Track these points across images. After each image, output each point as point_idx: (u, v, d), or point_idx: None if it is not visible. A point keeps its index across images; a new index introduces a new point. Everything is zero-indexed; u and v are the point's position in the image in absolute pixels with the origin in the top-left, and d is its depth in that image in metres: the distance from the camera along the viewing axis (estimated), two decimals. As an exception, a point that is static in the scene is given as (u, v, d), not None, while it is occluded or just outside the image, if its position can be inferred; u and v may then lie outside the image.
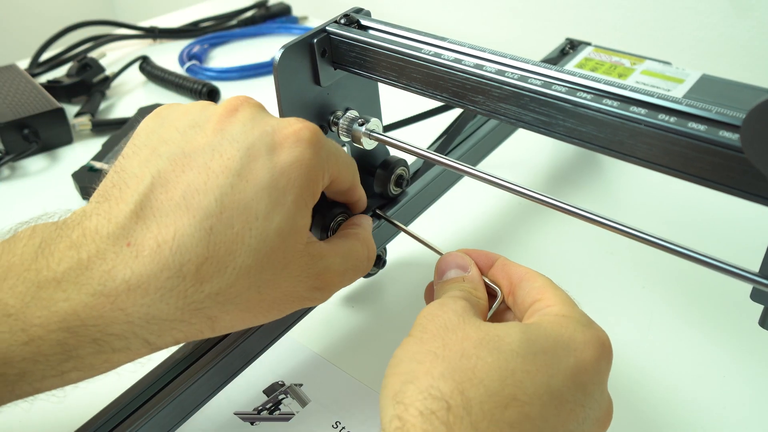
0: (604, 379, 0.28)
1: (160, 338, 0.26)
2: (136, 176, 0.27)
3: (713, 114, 0.26)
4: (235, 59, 0.82)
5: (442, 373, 0.26)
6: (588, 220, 0.30)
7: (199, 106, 0.30)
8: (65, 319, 0.25)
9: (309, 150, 0.29)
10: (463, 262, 0.33)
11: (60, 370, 0.25)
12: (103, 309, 0.25)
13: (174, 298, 0.26)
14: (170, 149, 0.28)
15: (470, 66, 0.31)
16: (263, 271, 0.27)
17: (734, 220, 0.50)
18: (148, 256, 0.25)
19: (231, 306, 0.27)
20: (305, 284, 0.30)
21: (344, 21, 0.36)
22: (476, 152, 0.49)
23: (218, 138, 0.28)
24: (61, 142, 0.65)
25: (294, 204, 0.28)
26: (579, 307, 0.30)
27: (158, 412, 0.32)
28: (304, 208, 0.29)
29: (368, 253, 0.34)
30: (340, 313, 0.44)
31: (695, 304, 0.44)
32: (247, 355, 0.36)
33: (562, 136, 0.30)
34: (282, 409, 0.38)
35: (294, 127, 0.29)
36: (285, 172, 0.28)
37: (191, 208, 0.26)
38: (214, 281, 0.26)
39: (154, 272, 0.25)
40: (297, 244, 0.29)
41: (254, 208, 0.27)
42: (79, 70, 0.73)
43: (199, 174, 0.27)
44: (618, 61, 0.56)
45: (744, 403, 0.37)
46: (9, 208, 0.57)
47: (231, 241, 0.26)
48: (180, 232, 0.26)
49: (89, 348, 0.25)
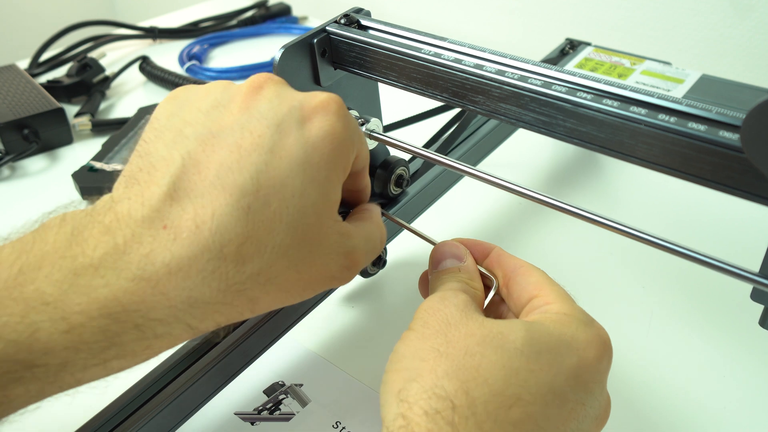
0: (605, 378, 0.29)
1: (202, 322, 0.26)
2: (164, 158, 0.26)
3: (713, 114, 0.26)
4: (235, 59, 0.82)
5: (447, 371, 0.25)
6: (588, 220, 0.30)
7: (220, 86, 0.30)
8: (106, 305, 0.24)
9: (339, 122, 0.28)
10: (458, 251, 0.33)
11: (102, 359, 0.25)
12: (144, 294, 0.24)
13: (216, 280, 0.25)
14: (197, 130, 0.27)
15: (470, 66, 0.31)
16: (301, 248, 0.27)
17: (734, 220, 0.50)
18: (187, 238, 0.25)
19: (271, 286, 0.27)
20: (337, 263, 0.29)
21: (344, 21, 0.36)
22: (476, 152, 0.49)
23: (246, 116, 0.27)
24: (61, 142, 0.65)
25: (327, 179, 0.27)
26: (577, 304, 0.30)
27: (158, 412, 0.32)
28: (337, 183, 0.28)
29: (381, 237, 0.33)
30: (340, 313, 0.44)
31: (695, 304, 0.44)
32: (247, 355, 0.36)
33: (562, 136, 0.30)
34: (282, 409, 0.38)
35: (320, 98, 0.29)
36: (318, 146, 0.27)
37: (227, 187, 0.25)
38: (255, 261, 0.26)
39: (195, 254, 0.25)
40: (330, 221, 0.28)
41: (290, 185, 0.26)
42: (79, 70, 0.73)
43: (231, 153, 0.26)
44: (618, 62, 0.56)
45: (744, 403, 0.37)
46: (9, 208, 0.57)
47: (269, 219, 0.26)
48: (219, 212, 0.25)
49: (132, 334, 0.25)
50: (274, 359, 0.40)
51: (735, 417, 0.37)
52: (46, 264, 0.24)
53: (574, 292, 0.35)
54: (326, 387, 0.39)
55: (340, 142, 0.28)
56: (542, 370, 0.26)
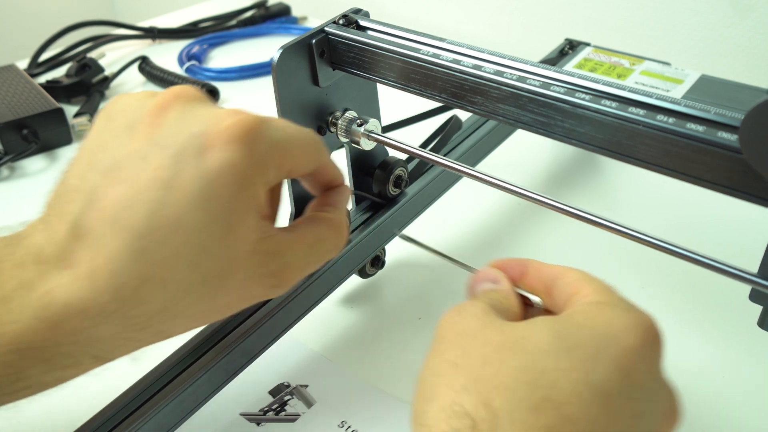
0: (656, 367, 0.26)
1: (111, 353, 0.26)
2: (73, 191, 0.26)
3: (712, 115, 0.26)
4: (235, 59, 0.82)
5: (464, 385, 0.23)
6: (587, 221, 0.30)
7: (140, 99, 0.28)
8: (13, 341, 0.24)
9: (242, 149, 0.26)
10: (494, 275, 0.30)
11: (12, 389, 0.25)
12: (47, 332, 0.24)
13: (117, 319, 0.25)
14: (105, 159, 0.26)
15: (469, 67, 0.31)
16: (208, 283, 0.26)
17: (733, 220, 0.50)
18: (86, 279, 0.24)
19: (181, 318, 0.26)
20: (261, 284, 0.28)
21: (343, 22, 0.36)
22: (475, 153, 0.49)
23: (146, 144, 0.26)
24: (60, 143, 0.65)
25: (233, 211, 0.26)
26: (618, 293, 0.27)
27: (160, 410, 0.32)
28: (245, 212, 0.27)
29: (338, 240, 0.31)
30: (340, 314, 0.44)
31: (695, 304, 0.44)
32: (248, 353, 0.36)
33: (560, 136, 0.29)
34: (288, 410, 0.38)
35: (225, 123, 0.26)
36: (217, 179, 0.25)
37: (123, 228, 0.25)
38: (156, 300, 0.25)
39: (93, 296, 0.24)
40: (242, 251, 0.27)
41: (189, 223, 0.25)
42: (79, 71, 0.73)
43: (129, 188, 0.25)
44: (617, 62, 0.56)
45: (744, 403, 0.37)
46: (8, 208, 0.57)
47: (169, 258, 0.25)
48: (112, 256, 0.24)
49: (39, 368, 0.25)
50: (279, 360, 0.40)
51: (735, 417, 0.37)
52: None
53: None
54: (332, 387, 0.39)
55: (244, 172, 0.26)
56: (574, 368, 0.23)
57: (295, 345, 0.41)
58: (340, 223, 0.31)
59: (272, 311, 0.36)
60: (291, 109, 0.34)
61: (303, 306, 0.38)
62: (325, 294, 0.39)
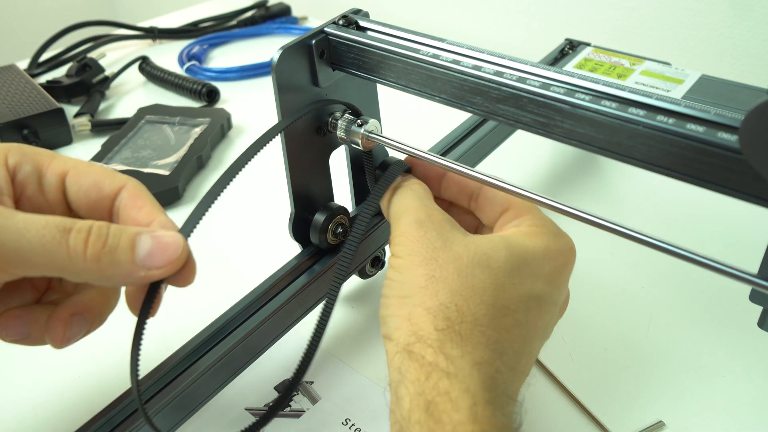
0: (569, 276, 0.33)
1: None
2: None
3: (712, 115, 0.25)
4: (235, 59, 0.82)
5: (447, 293, 0.29)
6: (587, 221, 0.30)
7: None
8: None
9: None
10: None
11: None
12: None
13: None
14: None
15: (468, 67, 0.31)
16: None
17: (733, 221, 0.50)
18: None
19: None
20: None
21: (342, 22, 0.36)
22: (475, 153, 0.49)
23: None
24: (60, 143, 0.65)
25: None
26: (549, 219, 0.33)
27: (163, 408, 0.32)
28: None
29: (70, 230, 0.27)
30: (341, 314, 0.44)
31: (694, 305, 0.44)
32: (251, 350, 0.36)
33: (560, 137, 0.29)
34: (293, 405, 0.38)
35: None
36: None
37: None
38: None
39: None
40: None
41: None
42: (79, 71, 0.73)
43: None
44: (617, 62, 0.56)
45: (744, 403, 0.37)
46: (8, 209, 0.57)
47: None
48: None
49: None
50: (285, 356, 0.40)
51: (735, 417, 0.37)
52: None
53: (574, 292, 0.35)
54: (337, 384, 0.39)
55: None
56: (523, 283, 0.30)
57: (302, 341, 0.41)
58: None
59: (275, 311, 0.36)
60: (291, 109, 0.34)
61: (304, 306, 0.38)
62: (325, 294, 0.39)
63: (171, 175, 0.56)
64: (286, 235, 0.39)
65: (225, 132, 0.66)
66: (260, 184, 0.58)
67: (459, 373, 0.27)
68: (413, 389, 0.27)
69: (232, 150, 0.65)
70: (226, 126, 0.66)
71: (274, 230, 0.52)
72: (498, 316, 0.29)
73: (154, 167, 0.58)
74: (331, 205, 0.39)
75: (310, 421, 0.37)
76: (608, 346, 0.41)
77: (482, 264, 0.30)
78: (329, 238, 0.39)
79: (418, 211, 0.32)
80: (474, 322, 0.28)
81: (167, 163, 0.58)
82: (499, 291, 0.29)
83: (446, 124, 0.50)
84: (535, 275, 0.31)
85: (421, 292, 0.29)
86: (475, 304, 0.29)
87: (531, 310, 0.30)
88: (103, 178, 0.30)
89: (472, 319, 0.29)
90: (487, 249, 0.30)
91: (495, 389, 0.28)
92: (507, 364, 0.29)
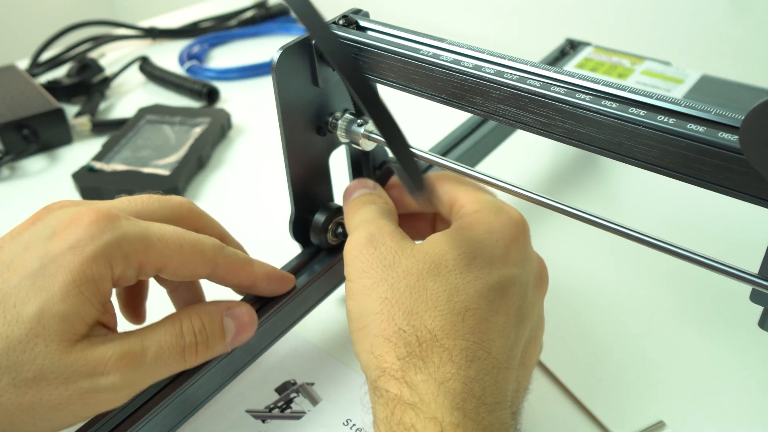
0: (528, 246, 0.32)
1: None
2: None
3: (712, 115, 0.25)
4: (235, 59, 0.82)
5: (402, 315, 0.28)
6: (587, 221, 0.30)
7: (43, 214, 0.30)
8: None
9: (87, 231, 0.27)
10: (369, 183, 0.36)
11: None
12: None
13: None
14: None
15: (469, 67, 0.31)
16: (20, 364, 0.25)
17: (734, 221, 0.50)
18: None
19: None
20: (67, 401, 0.27)
21: (342, 22, 0.36)
22: (475, 153, 0.49)
23: (14, 243, 0.28)
24: (60, 143, 0.65)
25: (62, 289, 0.26)
26: (486, 193, 0.32)
27: (162, 408, 0.32)
28: (77, 293, 0.27)
29: (183, 347, 0.30)
30: (342, 314, 0.44)
31: (695, 305, 0.44)
32: (251, 351, 0.36)
33: (561, 137, 0.29)
34: (293, 407, 0.38)
35: (74, 211, 0.28)
36: (56, 258, 0.27)
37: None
38: None
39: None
40: (64, 333, 0.26)
41: (13, 296, 0.26)
42: (79, 71, 0.73)
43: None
44: (618, 62, 0.56)
45: (744, 403, 0.37)
46: (9, 208, 0.57)
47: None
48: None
49: None
50: (286, 357, 0.40)
51: (735, 417, 0.37)
52: None
53: (575, 292, 0.35)
54: (337, 385, 0.39)
55: (84, 252, 0.27)
56: (477, 277, 0.29)
57: (303, 343, 0.42)
58: (186, 329, 0.31)
59: (274, 311, 0.36)
60: (291, 109, 0.34)
61: (304, 306, 0.38)
62: (325, 294, 0.39)
63: (171, 175, 0.56)
64: (286, 235, 0.39)
65: (225, 132, 0.66)
66: (260, 184, 0.58)
67: (424, 399, 0.26)
68: (383, 429, 0.27)
69: (233, 150, 0.65)
70: (226, 126, 0.66)
71: (274, 230, 0.52)
72: (457, 321, 0.28)
73: (154, 167, 0.58)
74: (331, 205, 0.39)
75: (310, 422, 0.37)
76: (608, 346, 0.41)
77: (432, 272, 0.29)
78: (329, 238, 0.39)
79: (370, 225, 0.32)
80: (432, 341, 0.27)
81: (167, 163, 0.58)
82: (454, 295, 0.28)
83: (446, 124, 0.50)
84: (489, 263, 0.30)
85: (378, 319, 0.29)
86: (431, 318, 0.28)
87: (494, 301, 0.29)
88: (195, 264, 0.31)
89: (430, 338, 0.27)
90: (435, 256, 0.30)
91: (470, 401, 0.26)
92: (481, 369, 0.27)
